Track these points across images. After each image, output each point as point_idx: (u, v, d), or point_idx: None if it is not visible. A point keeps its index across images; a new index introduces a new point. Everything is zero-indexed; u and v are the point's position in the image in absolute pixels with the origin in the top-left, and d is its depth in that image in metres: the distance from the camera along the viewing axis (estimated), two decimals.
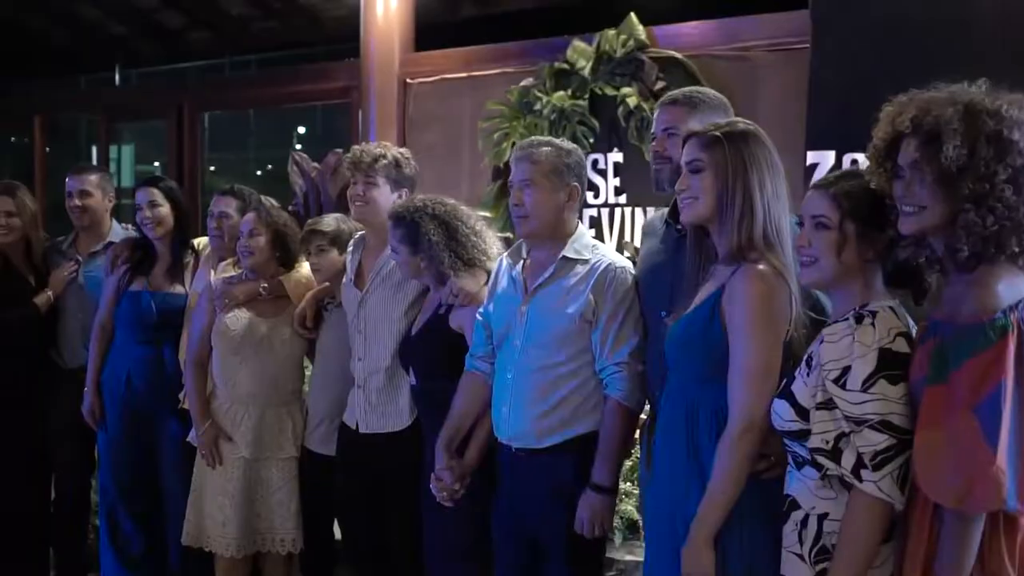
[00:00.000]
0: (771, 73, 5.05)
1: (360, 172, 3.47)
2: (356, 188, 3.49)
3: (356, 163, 3.49)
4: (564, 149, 2.98)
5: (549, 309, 2.92)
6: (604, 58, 5.46)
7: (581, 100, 5.53)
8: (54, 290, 4.21)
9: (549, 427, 2.91)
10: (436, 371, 3.25)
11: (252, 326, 3.70)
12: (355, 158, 3.50)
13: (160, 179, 4.11)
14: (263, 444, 3.71)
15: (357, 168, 3.48)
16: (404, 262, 3.29)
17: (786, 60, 4.97)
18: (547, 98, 5.62)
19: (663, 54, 5.29)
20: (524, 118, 5.73)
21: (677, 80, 5.25)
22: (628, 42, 5.36)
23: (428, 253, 3.20)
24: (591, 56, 5.50)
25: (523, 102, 5.72)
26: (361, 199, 3.48)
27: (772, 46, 5.06)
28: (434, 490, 3.11)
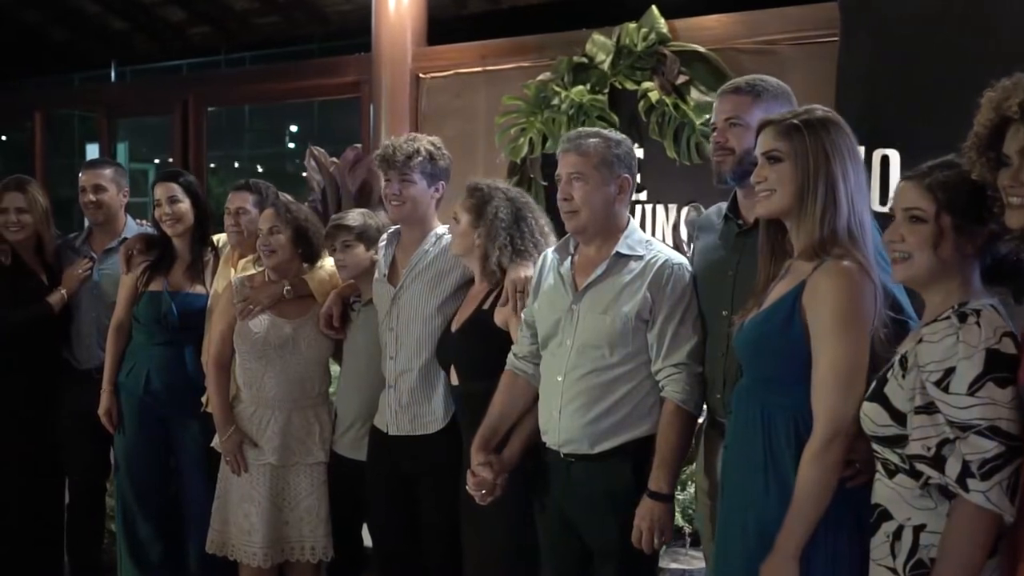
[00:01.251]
0: (797, 67, 4.89)
1: (394, 170, 3.29)
2: (391, 187, 3.30)
3: (389, 160, 3.29)
4: (613, 140, 2.82)
5: (602, 308, 2.76)
6: (624, 52, 5.30)
7: (600, 95, 5.37)
8: (68, 288, 4.01)
9: (602, 432, 2.75)
10: (479, 371, 3.09)
11: (276, 328, 3.52)
12: (387, 155, 3.29)
13: (179, 173, 3.92)
14: (290, 449, 3.53)
15: (390, 166, 3.29)
16: (460, 232, 3.12)
17: (813, 54, 4.82)
18: (565, 93, 5.46)
19: (685, 48, 5.14)
20: (542, 113, 5.56)
21: (699, 74, 5.12)
22: (649, 35, 5.21)
23: (488, 227, 3.05)
24: (611, 50, 5.34)
25: (540, 97, 5.56)
26: (398, 199, 3.30)
27: (798, 39, 4.91)
28: (470, 488, 2.93)
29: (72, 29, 8.91)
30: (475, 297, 3.19)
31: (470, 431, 3.05)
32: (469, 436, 3.06)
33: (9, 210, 3.94)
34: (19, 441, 4.00)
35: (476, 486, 2.92)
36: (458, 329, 3.16)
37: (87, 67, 10.11)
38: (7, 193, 3.95)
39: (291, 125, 14.18)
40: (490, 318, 3.09)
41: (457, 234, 3.14)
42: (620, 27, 5.31)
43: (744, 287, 2.56)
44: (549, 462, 2.89)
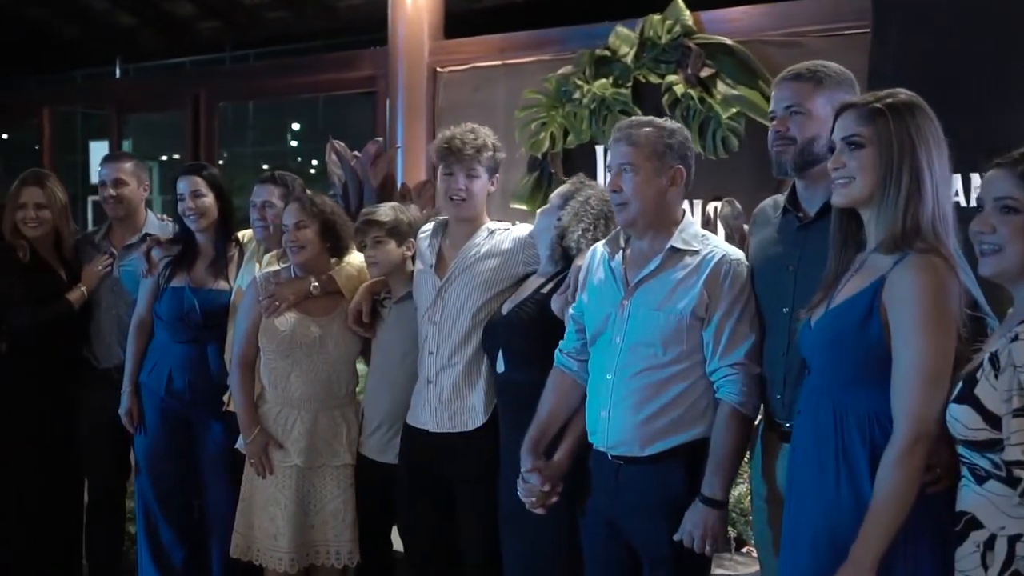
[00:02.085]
0: (827, 59, 4.73)
1: (461, 164, 3.15)
2: (456, 181, 3.16)
3: (458, 154, 3.14)
4: (667, 129, 2.68)
5: (655, 304, 2.62)
6: (648, 44, 5.16)
7: (624, 88, 5.24)
8: (87, 285, 3.87)
9: (654, 433, 2.61)
10: (529, 358, 2.95)
11: (302, 326, 3.38)
12: (455, 148, 3.14)
13: (203, 166, 3.77)
14: (316, 451, 3.38)
15: (459, 159, 3.15)
16: (544, 211, 3.04)
17: (844, 46, 4.68)
18: (587, 86, 5.33)
19: (711, 40, 5.00)
20: (563, 107, 5.43)
21: (726, 67, 4.98)
22: (674, 28, 5.07)
23: (576, 209, 2.94)
24: (634, 43, 5.21)
25: (562, 91, 5.43)
26: (464, 193, 3.17)
27: (828, 31, 4.77)
28: (522, 495, 2.81)
29: (80, 25, 8.75)
30: (532, 285, 3.06)
31: (515, 421, 2.93)
32: (512, 428, 2.95)
33: (27, 205, 3.79)
34: (38, 442, 3.85)
35: (527, 493, 2.79)
36: (511, 311, 3.03)
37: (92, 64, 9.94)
38: (25, 188, 3.81)
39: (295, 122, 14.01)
40: (546, 301, 2.96)
41: (541, 212, 3.03)
42: (644, 19, 5.17)
43: (806, 283, 2.43)
44: (595, 464, 2.75)
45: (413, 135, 5.85)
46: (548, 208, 3.04)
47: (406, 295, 3.37)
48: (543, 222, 3.04)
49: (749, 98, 4.91)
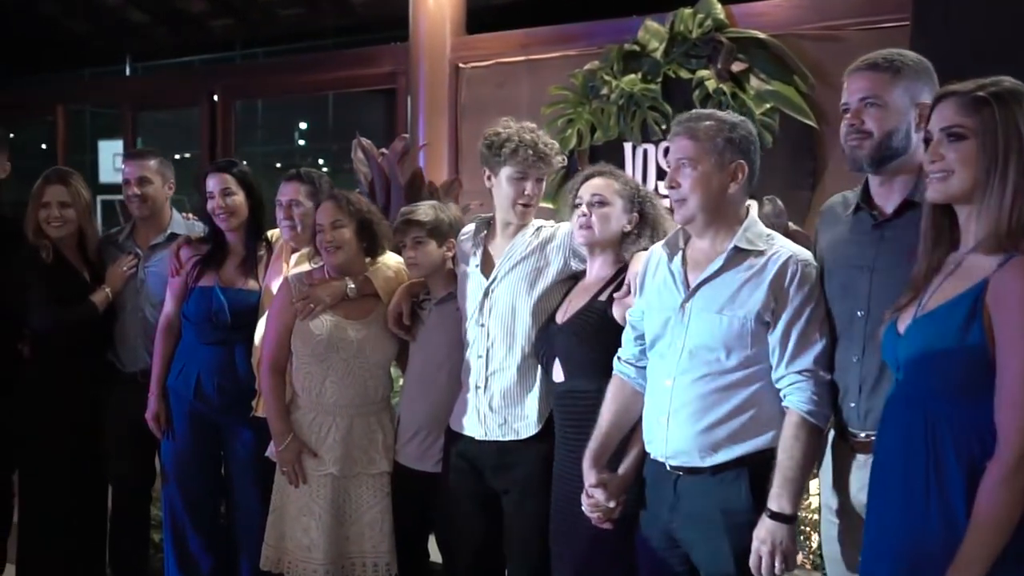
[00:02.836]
0: (865, 53, 4.60)
1: (538, 170, 2.99)
2: (527, 187, 2.99)
3: (544, 159, 2.97)
4: (728, 122, 2.52)
5: (717, 307, 2.46)
6: (679, 39, 5.06)
7: (653, 84, 5.11)
8: (112, 287, 3.70)
9: (715, 443, 2.45)
10: (589, 367, 2.80)
11: (339, 329, 3.22)
12: (541, 153, 2.96)
13: (233, 163, 3.61)
14: (352, 459, 3.23)
15: (544, 164, 2.98)
16: (604, 215, 2.84)
17: (882, 39, 4.51)
18: (615, 82, 5.21)
19: (744, 34, 4.88)
20: (590, 103, 5.32)
21: (759, 62, 4.86)
22: (705, 22, 4.96)
23: (647, 219, 2.86)
24: (664, 37, 5.09)
25: (589, 86, 5.31)
26: (534, 200, 3.02)
27: (866, 24, 4.66)
28: (586, 510, 2.66)
29: (90, 22, 8.60)
30: (587, 288, 2.91)
31: (575, 432, 2.79)
32: (571, 438, 2.80)
33: (51, 204, 3.63)
34: (62, 448, 3.69)
35: (592, 508, 2.64)
36: (567, 321, 2.87)
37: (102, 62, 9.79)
38: (49, 186, 3.64)
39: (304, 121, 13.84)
40: (605, 309, 2.81)
41: (602, 216, 2.85)
42: (674, 13, 5.06)
43: (884, 285, 2.28)
44: (653, 474, 2.60)
45: (435, 132, 5.72)
46: (615, 209, 2.88)
47: (447, 296, 3.22)
48: (608, 227, 2.89)
49: (783, 93, 4.79)
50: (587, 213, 2.85)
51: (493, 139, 3.06)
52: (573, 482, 2.78)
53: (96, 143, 11.22)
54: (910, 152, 2.31)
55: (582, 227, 2.87)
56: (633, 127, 5.18)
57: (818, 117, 4.72)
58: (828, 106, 4.76)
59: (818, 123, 4.72)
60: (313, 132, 13.75)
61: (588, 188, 2.89)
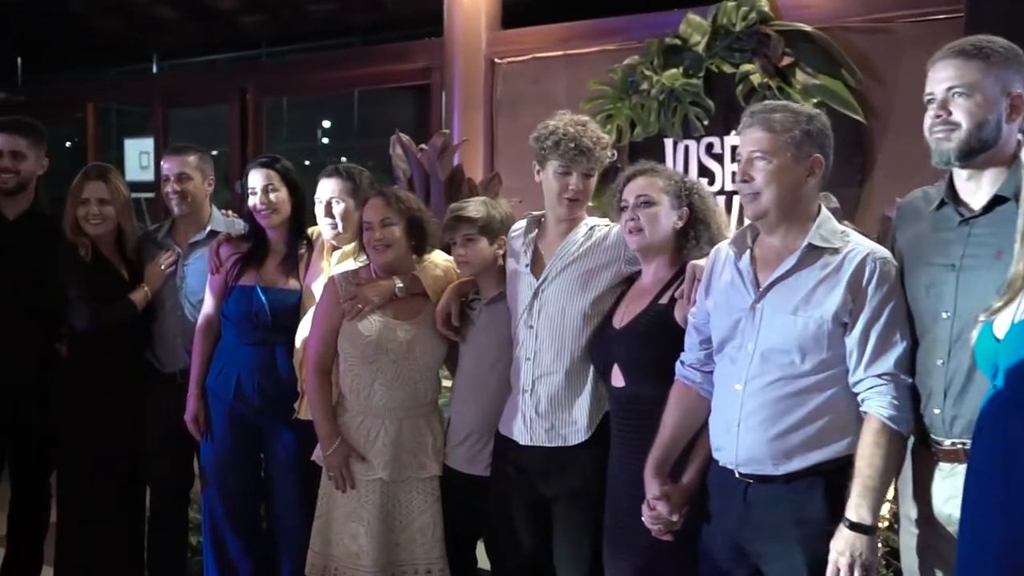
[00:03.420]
0: (916, 47, 4.49)
1: (583, 164, 2.87)
2: (573, 181, 2.87)
3: (587, 153, 2.85)
4: (805, 114, 2.40)
5: (791, 308, 2.34)
6: (721, 32, 4.92)
7: (695, 79, 4.98)
8: (151, 285, 3.60)
9: (789, 450, 2.33)
10: (651, 372, 2.67)
11: (388, 330, 3.10)
12: (584, 148, 2.84)
13: (276, 159, 3.50)
14: (401, 463, 3.10)
15: (583, 160, 2.86)
16: (652, 215, 2.71)
17: (934, 32, 4.42)
18: (656, 77, 5.08)
19: (790, 27, 4.74)
20: (629, 99, 5.19)
21: (805, 55, 4.72)
22: (749, 14, 4.82)
23: (697, 213, 2.73)
24: (707, 31, 4.96)
25: (628, 81, 5.18)
26: (580, 194, 2.90)
27: (917, 16, 4.52)
28: (647, 522, 2.54)
29: (119, 19, 8.52)
30: (645, 291, 2.78)
31: (633, 439, 2.67)
32: (631, 445, 2.68)
33: (90, 201, 3.52)
34: (99, 449, 3.58)
35: (654, 520, 2.52)
36: (627, 325, 2.75)
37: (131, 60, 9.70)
38: (88, 183, 3.54)
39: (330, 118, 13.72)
40: (667, 313, 2.68)
41: (650, 216, 2.72)
42: (717, 6, 4.93)
43: (971, 285, 2.16)
44: (720, 482, 2.48)
45: (470, 129, 5.60)
46: (663, 207, 2.75)
47: (498, 296, 3.10)
48: (659, 228, 2.76)
49: (831, 88, 4.65)
50: (635, 217, 2.73)
51: (541, 132, 2.96)
52: (630, 491, 2.67)
53: (122, 141, 11.16)
54: (1000, 144, 2.18)
55: (632, 232, 2.75)
56: (674, 123, 5.06)
57: (866, 112, 4.59)
58: (877, 101, 4.63)
59: (866, 118, 4.59)
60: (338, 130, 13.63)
61: (632, 190, 2.77)
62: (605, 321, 2.84)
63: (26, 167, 3.65)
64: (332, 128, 13.74)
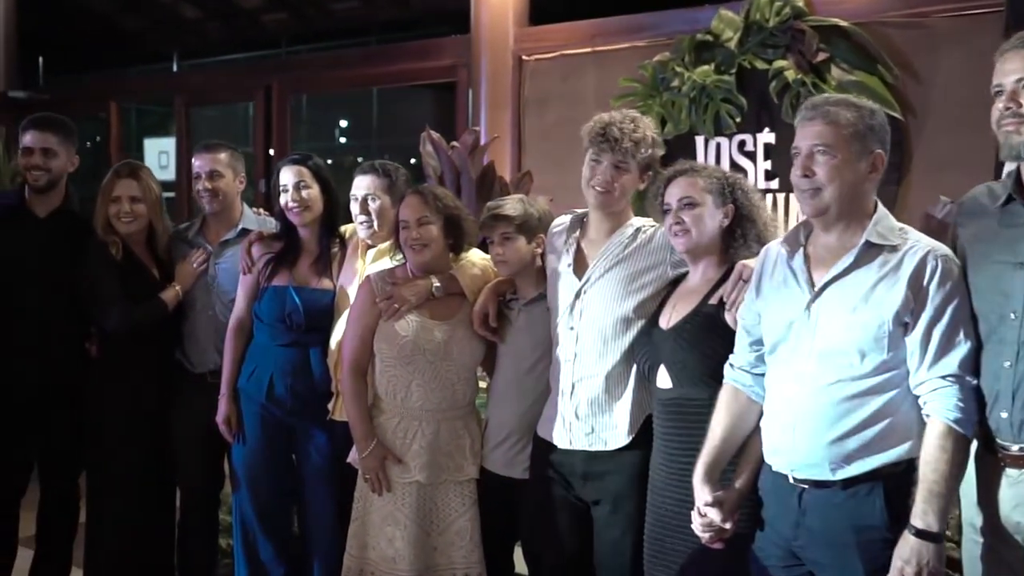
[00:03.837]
0: (953, 42, 4.38)
1: (612, 154, 2.78)
2: (601, 171, 2.80)
3: (612, 142, 2.77)
4: (867, 108, 2.31)
5: (849, 308, 2.25)
6: (754, 28, 4.81)
7: (727, 75, 4.88)
8: (182, 284, 3.53)
9: (847, 455, 2.24)
10: (700, 375, 2.59)
11: (425, 330, 3.02)
12: (612, 136, 2.77)
13: (308, 157, 3.42)
14: (439, 466, 3.03)
15: (612, 149, 2.78)
16: (696, 216, 2.64)
17: (972, 27, 4.31)
18: (687, 73, 4.98)
19: (825, 22, 4.63)
20: (660, 96, 5.09)
21: (841, 51, 4.61)
22: (783, 9, 4.72)
23: (742, 210, 2.64)
24: (739, 26, 4.85)
25: (659, 78, 5.08)
26: (607, 186, 2.80)
27: (955, 11, 4.41)
28: (697, 529, 2.45)
29: (143, 18, 8.47)
30: (694, 291, 2.69)
31: (679, 442, 2.60)
32: (676, 449, 2.61)
33: (122, 199, 3.45)
34: (129, 450, 3.52)
35: (705, 528, 2.43)
36: (674, 326, 2.66)
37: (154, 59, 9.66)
38: (119, 180, 3.47)
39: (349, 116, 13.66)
40: (716, 314, 2.60)
41: (695, 217, 2.64)
42: (750, 1, 4.81)
43: None
44: (773, 487, 2.39)
45: (497, 126, 5.51)
46: (708, 208, 2.67)
47: (537, 296, 3.02)
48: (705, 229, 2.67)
49: (867, 84, 4.54)
50: (679, 219, 2.65)
51: (587, 126, 2.88)
52: (674, 496, 2.61)
53: (142, 141, 11.12)
54: None
55: (677, 234, 2.67)
56: (705, 120, 4.96)
57: (904, 108, 4.48)
58: (914, 97, 4.53)
59: (904, 115, 4.48)
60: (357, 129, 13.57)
61: (674, 192, 2.69)
62: (651, 321, 2.75)
63: (57, 164, 3.58)
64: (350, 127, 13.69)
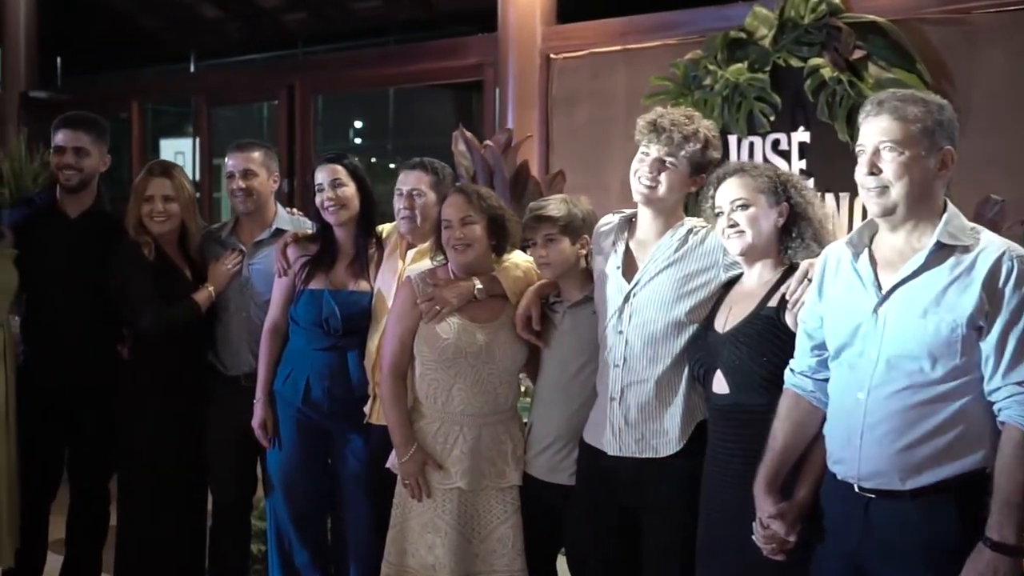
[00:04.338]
0: (994, 39, 4.27)
1: (662, 146, 2.69)
2: (649, 164, 2.70)
3: (660, 132, 2.69)
4: (935, 103, 2.21)
5: (920, 311, 2.15)
6: (789, 25, 4.69)
7: (761, 73, 4.76)
8: (215, 285, 3.44)
9: (918, 464, 2.14)
10: (757, 380, 2.49)
11: (467, 333, 2.93)
12: (660, 127, 2.69)
13: (343, 155, 3.33)
14: (480, 472, 2.94)
15: (658, 141, 2.69)
16: (751, 218, 2.54)
17: (1015, 23, 4.21)
18: (720, 71, 4.86)
19: (861, 19, 4.52)
20: (692, 94, 4.97)
21: (878, 49, 4.50)
22: (819, 6, 4.60)
23: (797, 208, 2.56)
24: (773, 23, 4.74)
25: (691, 76, 4.96)
26: (653, 181, 2.71)
27: (996, 6, 4.28)
28: (759, 541, 2.36)
29: (161, 18, 8.40)
30: (750, 294, 2.60)
31: (736, 449, 2.51)
32: (732, 456, 2.52)
33: (155, 198, 3.37)
34: (160, 453, 3.44)
35: (767, 540, 2.34)
36: (732, 329, 2.56)
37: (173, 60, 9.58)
38: (152, 179, 3.39)
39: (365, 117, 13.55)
40: (776, 317, 2.50)
41: (750, 218, 2.55)
42: None
43: None
44: (837, 497, 2.30)
45: (524, 126, 5.41)
46: (761, 208, 2.58)
47: (582, 299, 2.92)
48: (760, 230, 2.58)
49: (906, 82, 4.41)
50: (733, 222, 2.56)
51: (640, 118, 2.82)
52: (729, 505, 2.51)
53: (157, 142, 11.04)
54: None
55: (731, 237, 2.58)
56: (738, 119, 4.85)
57: None
58: (954, 95, 4.40)
59: None
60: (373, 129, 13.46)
61: (726, 193, 2.60)
62: (705, 325, 2.66)
63: (89, 164, 3.51)
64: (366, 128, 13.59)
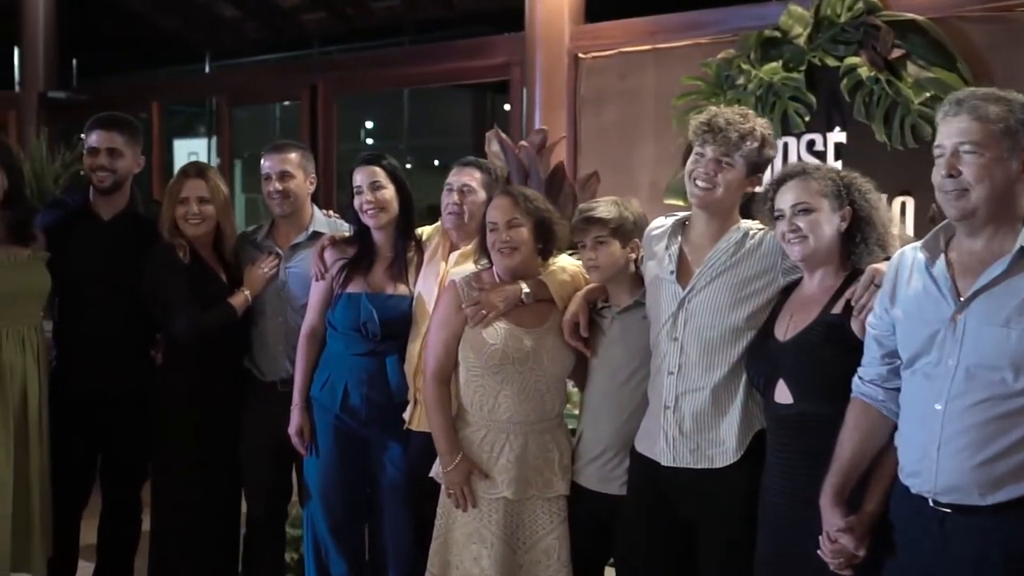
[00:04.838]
0: None
1: (717, 146, 2.59)
2: (704, 164, 2.60)
3: (716, 132, 2.59)
4: (1017, 102, 2.11)
5: (1002, 319, 2.05)
6: (825, 24, 4.59)
7: (795, 73, 4.66)
8: (251, 289, 3.34)
9: (999, 478, 2.04)
10: (822, 389, 2.39)
11: (514, 338, 2.83)
12: (716, 126, 2.59)
13: (382, 156, 3.24)
14: (527, 481, 2.84)
15: (716, 140, 2.59)
16: (813, 222, 2.44)
17: None
18: (753, 71, 4.76)
19: (899, 17, 4.41)
20: (724, 94, 4.87)
21: (916, 47, 4.39)
22: (855, 4, 4.50)
23: (860, 212, 2.45)
24: (809, 22, 4.64)
25: (723, 76, 4.86)
26: (710, 181, 2.61)
27: None
28: (826, 556, 2.27)
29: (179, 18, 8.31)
30: (813, 299, 2.50)
31: (800, 461, 2.41)
32: (796, 467, 2.42)
33: (190, 200, 3.28)
34: (195, 460, 3.35)
35: (835, 555, 2.25)
36: (795, 337, 2.46)
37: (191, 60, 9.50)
38: (187, 180, 3.30)
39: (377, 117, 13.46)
40: (841, 323, 2.40)
41: (812, 222, 2.45)
42: None
43: None
44: (909, 511, 2.20)
45: (552, 126, 5.29)
46: (824, 213, 2.47)
47: (632, 304, 2.83)
48: (822, 234, 2.48)
49: (946, 81, 4.31)
50: (796, 227, 2.46)
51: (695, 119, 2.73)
52: (792, 518, 2.41)
53: (171, 142, 10.96)
54: None
55: (793, 242, 2.47)
56: (773, 119, 4.73)
57: None
58: None
59: None
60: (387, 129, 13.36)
61: (786, 197, 2.49)
62: (764, 332, 2.55)
63: (123, 165, 3.42)
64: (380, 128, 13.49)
